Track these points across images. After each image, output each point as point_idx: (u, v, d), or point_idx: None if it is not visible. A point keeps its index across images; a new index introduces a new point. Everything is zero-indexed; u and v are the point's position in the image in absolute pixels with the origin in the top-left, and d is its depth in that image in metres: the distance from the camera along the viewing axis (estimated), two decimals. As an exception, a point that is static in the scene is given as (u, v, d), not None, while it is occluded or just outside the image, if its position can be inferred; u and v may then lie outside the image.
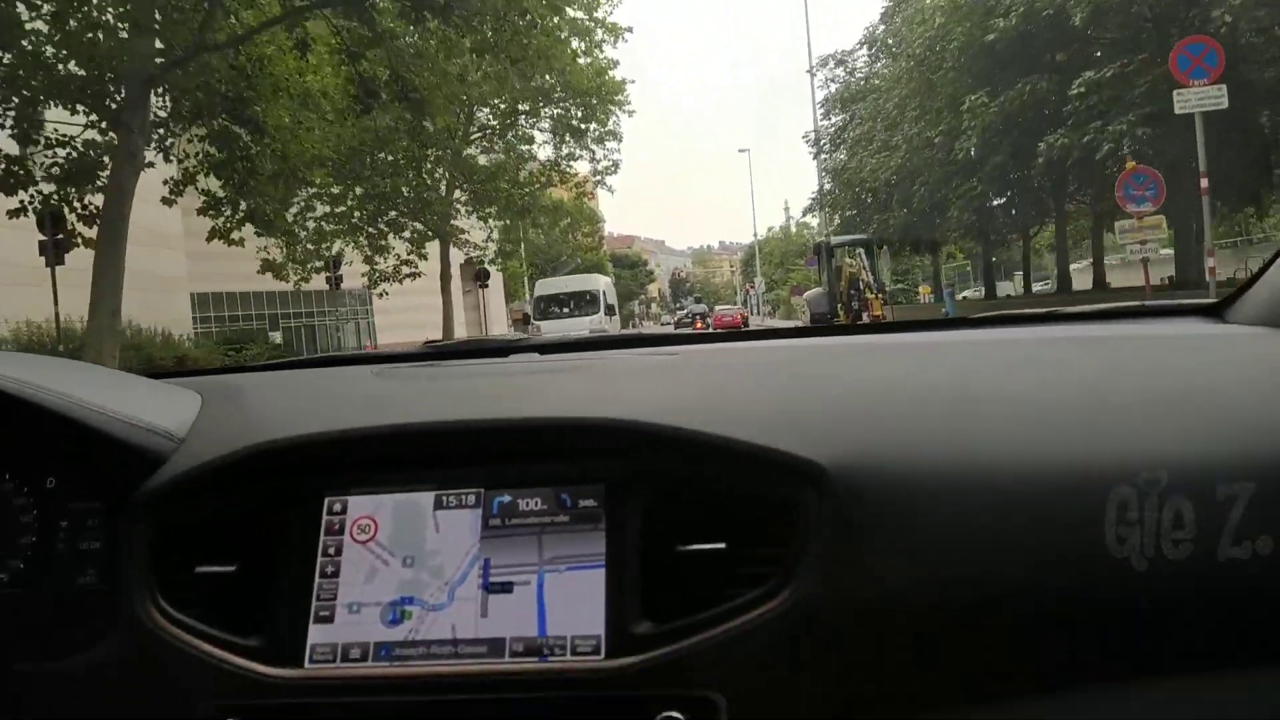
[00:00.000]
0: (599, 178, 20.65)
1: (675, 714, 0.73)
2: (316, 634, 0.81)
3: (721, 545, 0.77)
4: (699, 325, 24.46)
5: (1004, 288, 34.82)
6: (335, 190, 17.91)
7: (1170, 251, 19.54)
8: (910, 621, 0.72)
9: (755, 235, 60.30)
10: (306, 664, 0.79)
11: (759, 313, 52.26)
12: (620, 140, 22.42)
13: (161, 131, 10.77)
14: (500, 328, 42.90)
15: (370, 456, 0.87)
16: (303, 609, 0.81)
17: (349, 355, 1.49)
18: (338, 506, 0.85)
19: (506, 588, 0.79)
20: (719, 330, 6.69)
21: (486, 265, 34.26)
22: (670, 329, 31.17)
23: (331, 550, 0.83)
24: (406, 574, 0.82)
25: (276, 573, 0.83)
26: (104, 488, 0.89)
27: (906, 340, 1.10)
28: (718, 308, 32.26)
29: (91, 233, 10.20)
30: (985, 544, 0.73)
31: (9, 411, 0.87)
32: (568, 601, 0.78)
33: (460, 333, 37.31)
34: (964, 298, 32.80)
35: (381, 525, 0.84)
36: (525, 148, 22.70)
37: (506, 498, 0.83)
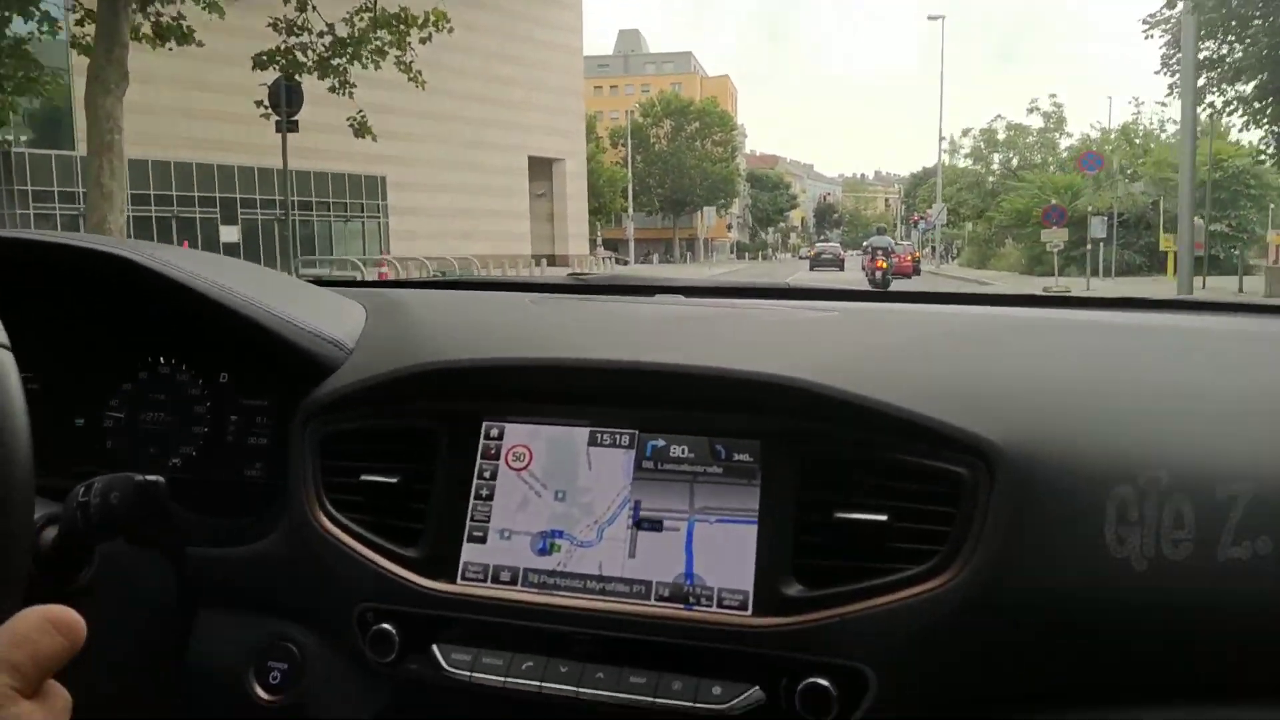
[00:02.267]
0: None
1: (822, 681, 0.72)
2: (469, 553, 0.84)
3: (883, 517, 0.75)
4: (879, 264, 19.74)
5: None
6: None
7: None
8: (1077, 617, 0.71)
9: (941, 137, 44.12)
10: (459, 580, 0.83)
11: (932, 255, 39.19)
12: None
13: None
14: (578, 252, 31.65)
15: (529, 387, 0.89)
16: (456, 528, 0.84)
17: (500, 280, 1.81)
18: (494, 432, 0.87)
19: (656, 531, 0.80)
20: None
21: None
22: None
23: (486, 474, 0.86)
24: (558, 507, 0.83)
25: (434, 490, 0.86)
26: (274, 388, 0.95)
27: (1094, 318, 1.06)
28: (872, 241, 21.48)
29: None
30: (1170, 552, 0.70)
31: (193, 307, 0.92)
32: (716, 553, 0.78)
33: (520, 251, 27.57)
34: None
35: (536, 455, 0.85)
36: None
37: (660, 442, 0.83)
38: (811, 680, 0.72)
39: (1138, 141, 29.44)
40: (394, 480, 0.86)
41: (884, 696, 0.72)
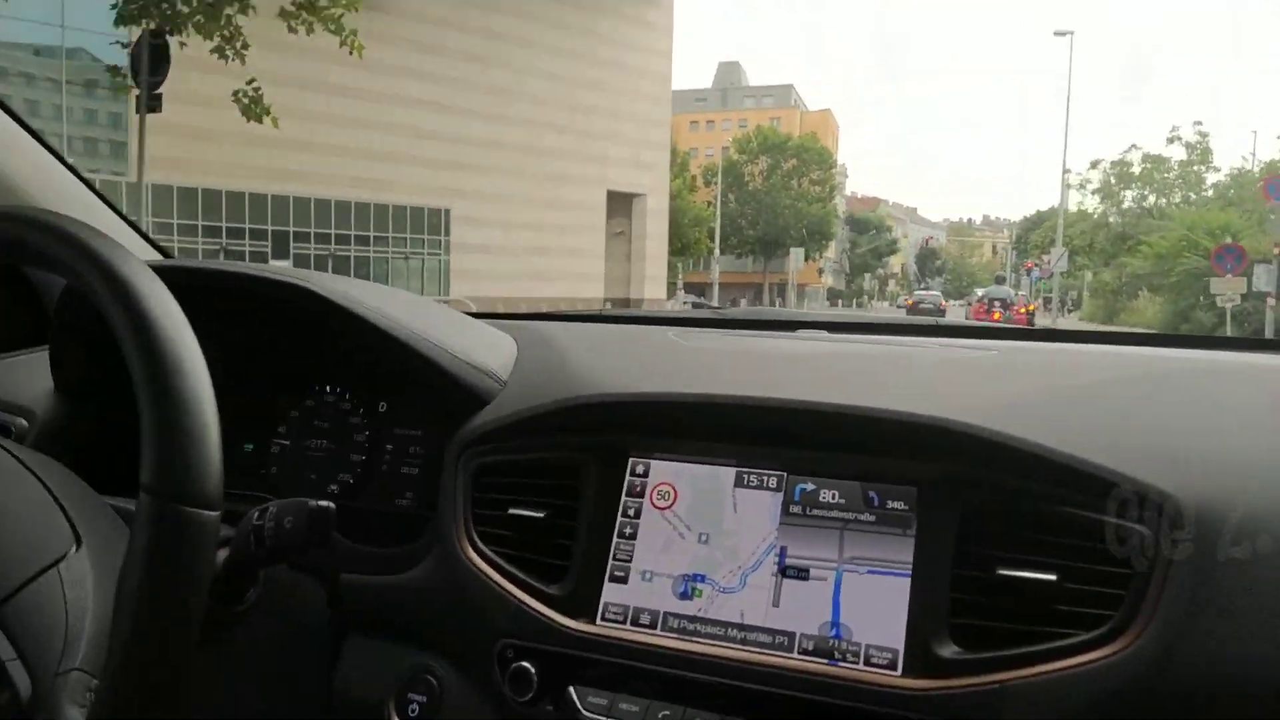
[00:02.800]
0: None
1: None
2: (610, 593, 0.83)
3: (1051, 576, 0.70)
4: (995, 316, 18.00)
5: None
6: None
7: None
8: (1267, 699, 0.65)
9: (1065, 169, 32.87)
10: (598, 621, 0.82)
11: (1045, 307, 35.25)
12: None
13: None
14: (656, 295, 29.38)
15: (676, 423, 0.88)
16: (599, 567, 0.84)
17: (645, 314, 1.71)
18: (640, 469, 0.87)
19: (802, 580, 0.78)
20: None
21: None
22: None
23: (631, 512, 0.85)
24: (702, 550, 0.82)
25: (578, 526, 0.86)
26: (430, 418, 0.97)
27: (1251, 361, 0.98)
28: (990, 292, 18.57)
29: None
30: None
31: (360, 336, 0.94)
32: (866, 606, 0.76)
33: (593, 293, 25.53)
34: None
35: (681, 494, 0.85)
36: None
37: (810, 485, 0.81)
38: None
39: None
40: (540, 515, 0.87)
41: None
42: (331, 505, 0.71)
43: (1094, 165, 35.87)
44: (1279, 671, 0.64)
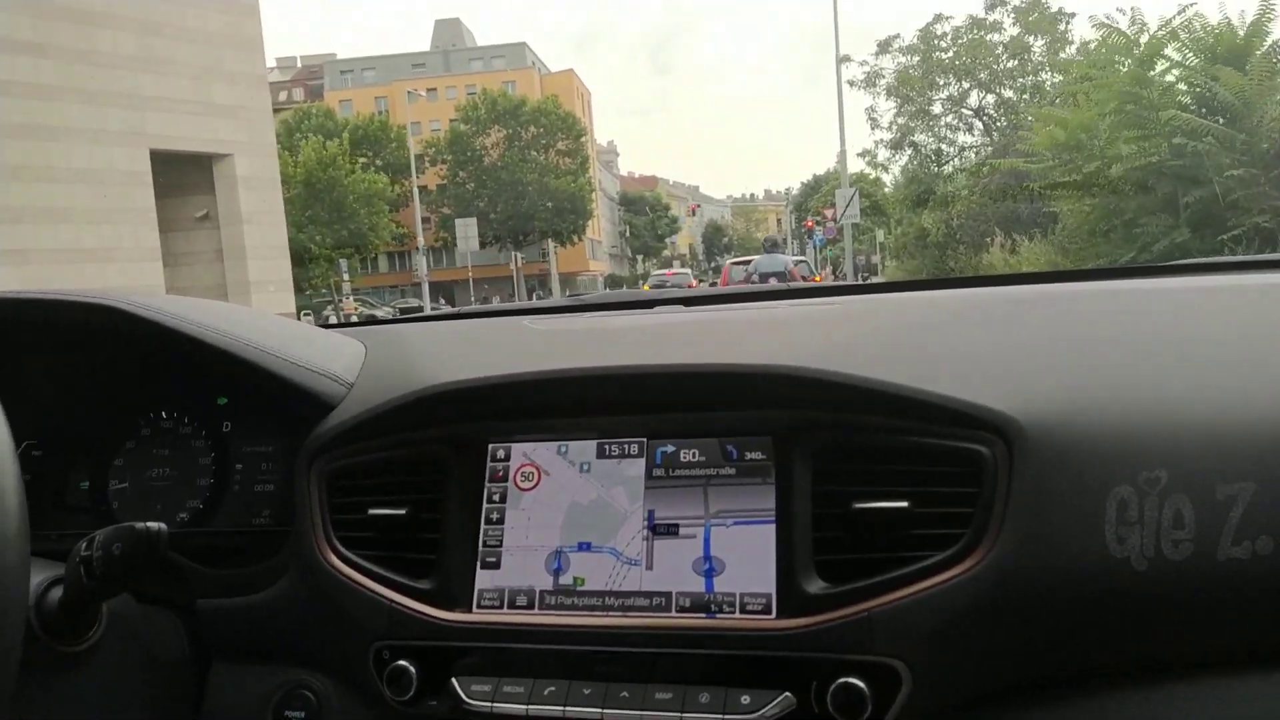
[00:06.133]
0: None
1: (855, 680, 0.71)
2: (484, 579, 0.83)
3: (903, 504, 0.74)
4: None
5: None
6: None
7: None
8: (1106, 597, 0.69)
9: (841, 108, 21.64)
10: (474, 609, 0.82)
11: (834, 276, 26.68)
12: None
13: None
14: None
15: (533, 403, 0.87)
16: (469, 554, 0.83)
17: (500, 308, 1.55)
18: (501, 453, 0.86)
19: (672, 538, 0.79)
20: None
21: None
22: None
23: (496, 497, 0.85)
24: (570, 524, 0.82)
25: (443, 518, 0.85)
26: (278, 431, 0.93)
27: (1083, 289, 1.04)
28: (759, 265, 9.40)
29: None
30: (1203, 515, 0.68)
31: (188, 355, 0.90)
32: (736, 557, 0.77)
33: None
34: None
35: (544, 473, 0.85)
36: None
37: (670, 447, 0.82)
38: (843, 680, 0.70)
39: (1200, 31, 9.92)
40: (402, 511, 0.85)
41: (918, 690, 0.70)
42: (162, 526, 0.70)
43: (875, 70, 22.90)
44: (1108, 577, 0.67)
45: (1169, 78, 7.72)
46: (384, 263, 52.39)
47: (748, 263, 13.53)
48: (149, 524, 0.69)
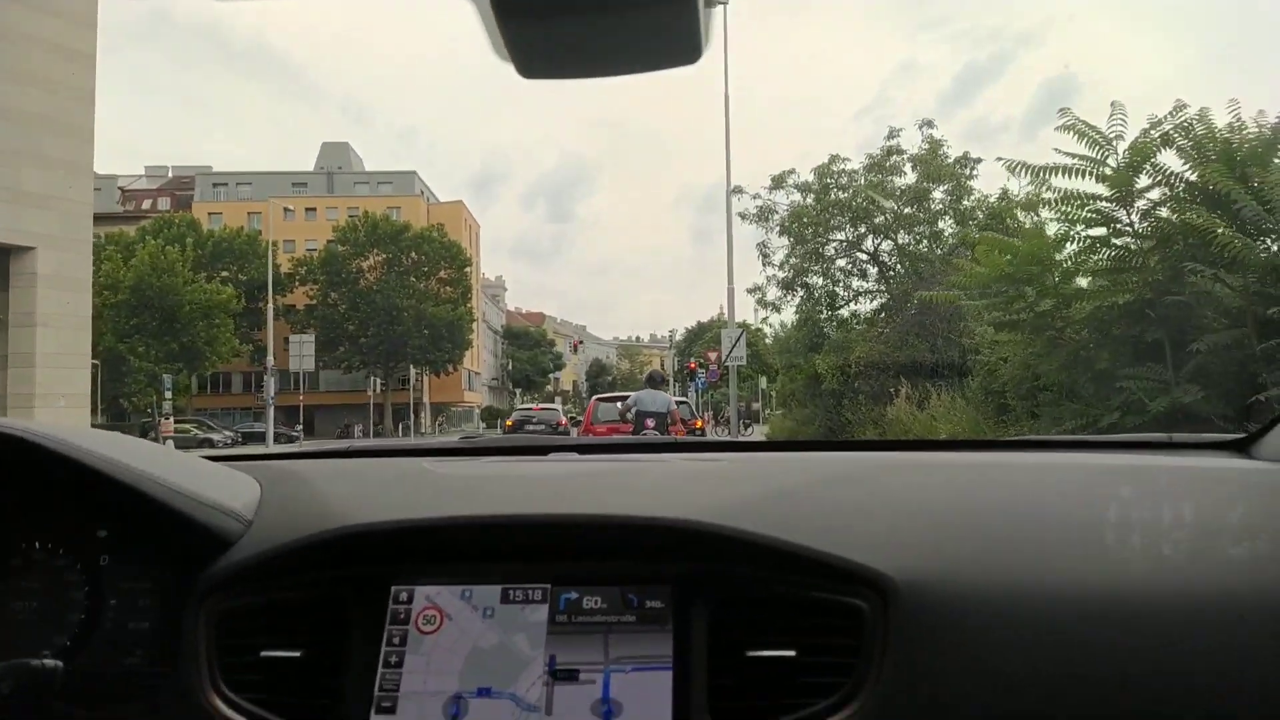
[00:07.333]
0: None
1: None
2: None
3: (791, 653, 0.78)
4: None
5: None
6: None
7: None
8: None
9: (730, 239, 21.19)
10: None
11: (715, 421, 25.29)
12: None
13: None
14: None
15: (436, 547, 0.88)
16: (366, 697, 0.81)
17: (393, 448, 1.52)
18: (404, 596, 0.85)
19: (572, 683, 0.80)
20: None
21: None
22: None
23: (396, 640, 0.84)
24: (471, 667, 0.82)
25: (340, 660, 0.84)
26: (160, 566, 0.89)
27: (952, 459, 1.12)
28: (639, 400, 7.51)
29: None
30: (1049, 667, 0.74)
31: (70, 483, 0.87)
32: (634, 702, 0.78)
33: None
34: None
35: (447, 617, 0.84)
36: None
37: (573, 594, 0.83)
38: None
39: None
40: (297, 654, 0.83)
41: None
42: (59, 663, 0.69)
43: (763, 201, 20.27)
44: (980, 713, 0.72)
45: (1154, 194, 5.96)
46: (238, 382, 48.50)
47: (620, 399, 11.65)
48: (45, 662, 0.65)
